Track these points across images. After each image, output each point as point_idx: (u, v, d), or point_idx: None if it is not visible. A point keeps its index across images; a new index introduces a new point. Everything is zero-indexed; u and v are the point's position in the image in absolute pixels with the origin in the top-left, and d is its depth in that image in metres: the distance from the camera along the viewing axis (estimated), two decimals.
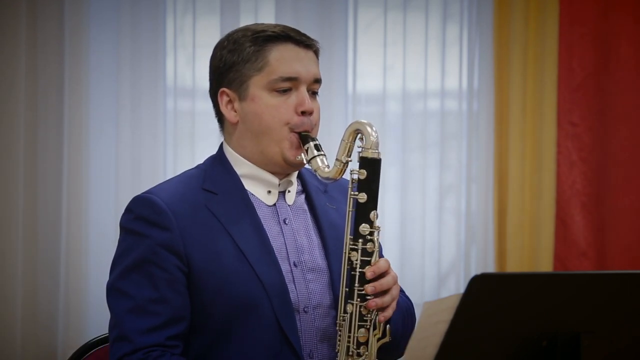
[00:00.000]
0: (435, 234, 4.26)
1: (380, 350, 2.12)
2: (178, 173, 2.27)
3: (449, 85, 4.26)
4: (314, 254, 2.21)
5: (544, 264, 4.26)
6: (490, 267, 4.23)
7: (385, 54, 4.21)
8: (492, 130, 4.25)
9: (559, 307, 1.78)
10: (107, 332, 2.47)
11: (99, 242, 3.98)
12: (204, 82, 4.02)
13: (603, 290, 1.80)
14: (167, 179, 2.29)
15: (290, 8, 4.09)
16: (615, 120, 4.31)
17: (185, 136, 4.06)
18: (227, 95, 2.20)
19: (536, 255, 4.27)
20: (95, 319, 3.96)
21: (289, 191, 2.24)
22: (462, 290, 1.71)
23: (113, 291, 2.14)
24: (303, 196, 2.27)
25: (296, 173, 2.26)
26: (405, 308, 2.27)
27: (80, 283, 3.93)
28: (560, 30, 4.27)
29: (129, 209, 2.16)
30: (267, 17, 4.08)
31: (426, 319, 1.80)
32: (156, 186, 2.20)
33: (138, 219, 2.13)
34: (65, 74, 3.91)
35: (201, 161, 2.29)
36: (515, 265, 4.24)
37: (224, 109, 2.21)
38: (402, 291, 2.32)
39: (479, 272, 2.34)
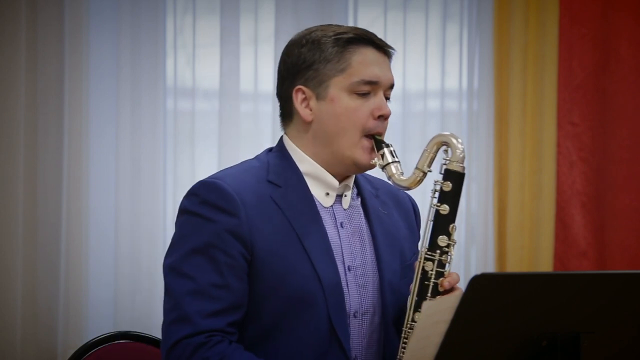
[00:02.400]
0: None
1: None
2: (178, 173, 2.27)
3: (449, 85, 4.26)
4: (366, 260, 2.21)
5: (544, 264, 4.26)
6: (490, 267, 4.23)
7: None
8: (492, 130, 4.25)
9: (559, 307, 1.78)
10: (106, 332, 2.48)
11: (99, 242, 3.98)
12: (204, 82, 4.06)
13: (603, 290, 1.80)
14: (220, 170, 2.24)
15: (291, 8, 4.09)
16: (615, 120, 4.31)
17: (185, 136, 4.05)
18: (303, 92, 2.18)
19: (536, 255, 4.27)
20: (95, 319, 3.96)
21: (345, 195, 2.23)
22: (462, 290, 1.71)
23: (174, 272, 2.10)
24: (359, 201, 2.27)
25: (353, 178, 2.25)
26: None
27: (80, 283, 3.93)
28: (560, 30, 4.27)
29: (193, 193, 2.13)
30: (267, 17, 4.08)
31: (426, 319, 1.80)
32: (221, 172, 2.19)
33: (204, 203, 2.10)
34: (65, 74, 3.91)
35: (201, 161, 2.29)
36: (515, 265, 4.23)
37: (299, 106, 2.18)
38: None
39: (479, 272, 2.34)
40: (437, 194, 2.12)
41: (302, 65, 2.18)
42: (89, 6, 3.95)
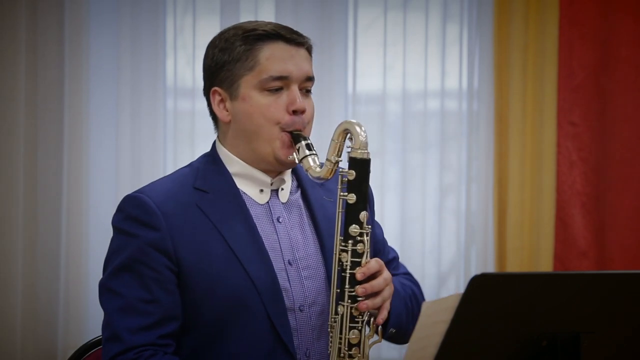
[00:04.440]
0: (435, 234, 4.26)
1: (388, 337, 2.14)
2: None
3: (449, 85, 4.26)
4: (309, 251, 2.21)
5: (544, 264, 4.26)
6: (490, 267, 4.23)
7: (385, 54, 4.21)
8: (492, 130, 4.25)
9: (559, 307, 1.78)
10: None
11: (99, 241, 3.98)
12: None
13: (603, 290, 1.80)
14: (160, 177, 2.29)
15: (290, 8, 4.09)
16: (615, 120, 4.31)
17: (185, 136, 4.06)
18: (219, 94, 2.19)
19: (536, 255, 4.27)
20: (96, 319, 3.96)
21: (282, 189, 2.23)
22: (462, 290, 1.71)
23: (104, 290, 2.13)
24: (299, 192, 2.27)
25: (289, 171, 2.25)
26: (409, 295, 2.26)
27: (80, 283, 3.93)
28: (560, 30, 4.26)
29: (120, 209, 2.17)
30: (267, 18, 4.07)
31: (426, 319, 1.80)
32: (147, 185, 2.20)
33: (128, 218, 2.13)
34: (66, 74, 3.91)
35: None
36: (515, 265, 4.24)
37: (216, 108, 2.20)
38: (408, 273, 2.34)
39: (479, 272, 2.34)
40: (344, 184, 2.09)
41: (215, 67, 2.18)
42: (89, 6, 3.95)
